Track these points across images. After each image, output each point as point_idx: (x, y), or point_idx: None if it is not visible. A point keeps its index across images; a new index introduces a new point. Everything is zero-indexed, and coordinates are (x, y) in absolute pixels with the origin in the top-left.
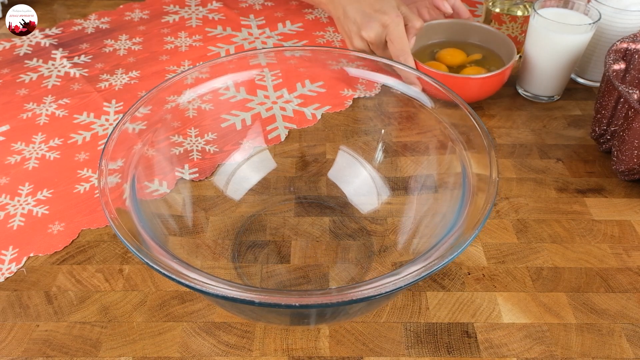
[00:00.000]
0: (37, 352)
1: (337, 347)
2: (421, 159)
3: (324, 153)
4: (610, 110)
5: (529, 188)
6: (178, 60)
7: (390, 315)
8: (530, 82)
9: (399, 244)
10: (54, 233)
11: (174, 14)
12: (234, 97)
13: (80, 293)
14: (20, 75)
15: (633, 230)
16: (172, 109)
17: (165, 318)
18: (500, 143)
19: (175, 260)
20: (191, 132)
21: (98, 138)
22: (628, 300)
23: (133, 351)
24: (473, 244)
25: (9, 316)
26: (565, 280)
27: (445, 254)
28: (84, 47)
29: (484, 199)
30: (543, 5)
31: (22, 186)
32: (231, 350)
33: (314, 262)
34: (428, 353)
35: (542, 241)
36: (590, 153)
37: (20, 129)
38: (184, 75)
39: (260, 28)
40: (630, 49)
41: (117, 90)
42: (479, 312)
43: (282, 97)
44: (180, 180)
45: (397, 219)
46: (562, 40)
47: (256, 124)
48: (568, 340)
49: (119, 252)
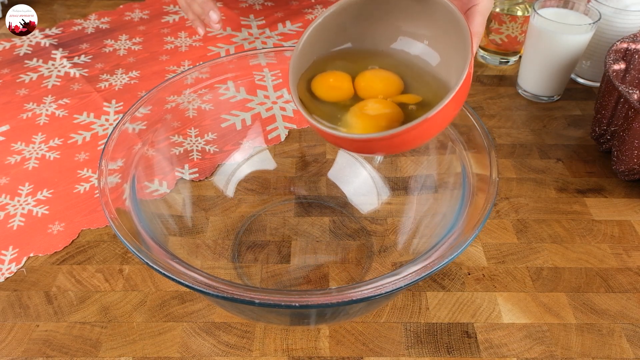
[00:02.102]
0: (37, 352)
1: (337, 347)
2: (421, 159)
3: (324, 153)
4: (610, 110)
5: (529, 188)
6: (178, 60)
7: (390, 315)
8: (530, 82)
9: (399, 244)
10: (54, 233)
11: (174, 14)
12: (234, 97)
13: (80, 293)
14: (20, 75)
15: (633, 230)
16: (172, 109)
17: (165, 318)
18: (500, 143)
19: (175, 260)
20: (191, 132)
21: (98, 138)
22: (628, 300)
23: (133, 351)
24: (473, 244)
25: (9, 316)
26: (565, 281)
27: (445, 254)
28: (84, 47)
29: (484, 199)
30: (543, 5)
31: (22, 186)
32: (231, 350)
33: (314, 262)
34: (428, 353)
35: (542, 241)
36: (590, 153)
37: (20, 129)
38: (184, 75)
39: (260, 28)
40: (630, 49)
41: (117, 90)
42: (479, 312)
43: (282, 97)
44: (180, 180)
45: (397, 219)
46: (562, 40)
47: (256, 124)
48: (568, 341)
49: (119, 252)
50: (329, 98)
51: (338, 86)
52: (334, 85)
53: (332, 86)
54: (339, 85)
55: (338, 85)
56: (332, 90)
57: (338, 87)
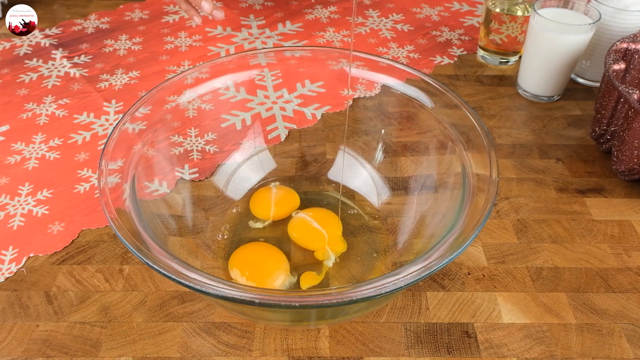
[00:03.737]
0: (37, 352)
1: (337, 347)
2: (421, 159)
3: (324, 153)
4: (610, 110)
5: (529, 188)
6: (178, 60)
7: (390, 315)
8: (530, 82)
9: (399, 244)
10: (54, 233)
11: (174, 14)
12: (234, 97)
13: (80, 293)
14: (20, 75)
15: (633, 230)
16: (172, 109)
17: (165, 318)
18: (500, 143)
19: (175, 260)
20: (191, 132)
21: (98, 138)
22: (628, 300)
23: (133, 351)
24: (473, 244)
25: (9, 316)
26: (565, 281)
27: (445, 254)
28: (84, 47)
29: (484, 199)
30: (543, 5)
31: (22, 186)
32: (231, 350)
33: (314, 262)
34: (428, 353)
35: (542, 241)
36: (590, 153)
37: (20, 129)
38: (184, 75)
39: (260, 28)
40: (630, 49)
41: (117, 90)
42: (479, 312)
43: (282, 97)
44: (180, 180)
45: (397, 219)
46: (562, 40)
47: (256, 124)
48: (568, 341)
49: (119, 252)
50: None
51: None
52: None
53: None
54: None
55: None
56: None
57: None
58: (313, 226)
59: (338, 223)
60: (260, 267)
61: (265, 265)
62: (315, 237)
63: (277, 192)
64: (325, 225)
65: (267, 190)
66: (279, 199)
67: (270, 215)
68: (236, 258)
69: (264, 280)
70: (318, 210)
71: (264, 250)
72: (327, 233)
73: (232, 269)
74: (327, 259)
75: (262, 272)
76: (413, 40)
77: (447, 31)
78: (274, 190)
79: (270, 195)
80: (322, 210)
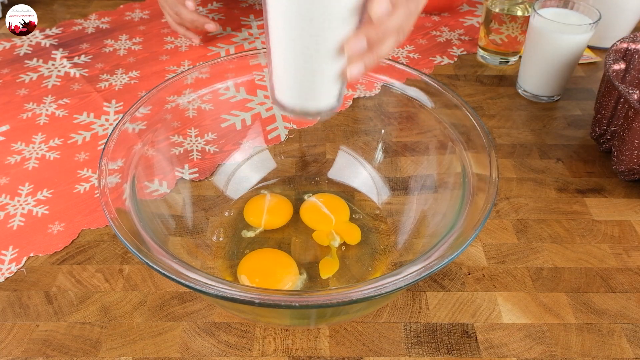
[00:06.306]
0: (37, 352)
1: (337, 347)
2: (421, 159)
3: (324, 153)
4: (610, 110)
5: (529, 188)
6: (178, 60)
7: (390, 315)
8: (530, 82)
9: (399, 244)
10: (54, 233)
11: None
12: (234, 97)
13: (80, 293)
14: (20, 75)
15: (633, 230)
16: (172, 109)
17: (165, 318)
18: (500, 143)
19: (175, 261)
20: (191, 132)
21: (98, 138)
22: (628, 300)
23: (133, 351)
24: (473, 244)
25: (9, 316)
26: (565, 280)
27: (445, 254)
28: (84, 47)
29: (484, 199)
30: (543, 5)
31: (22, 186)
32: (231, 350)
33: (314, 261)
34: (428, 353)
35: (542, 241)
36: (590, 153)
37: (20, 129)
38: (184, 75)
39: (260, 28)
40: (630, 49)
41: (117, 90)
42: (479, 312)
43: None
44: (180, 180)
45: (397, 219)
46: (562, 40)
47: (256, 124)
48: (568, 341)
49: (119, 252)
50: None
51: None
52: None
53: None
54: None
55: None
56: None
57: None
58: (322, 210)
59: (346, 209)
60: (270, 273)
61: (275, 272)
62: (323, 220)
63: (270, 200)
64: (333, 211)
65: (261, 198)
66: (271, 207)
67: (262, 224)
68: (245, 265)
69: (275, 286)
70: (329, 196)
71: (271, 256)
72: (334, 218)
73: (240, 275)
74: (333, 240)
75: (273, 279)
76: (413, 40)
77: (447, 31)
78: (267, 198)
79: (264, 203)
80: (333, 197)
